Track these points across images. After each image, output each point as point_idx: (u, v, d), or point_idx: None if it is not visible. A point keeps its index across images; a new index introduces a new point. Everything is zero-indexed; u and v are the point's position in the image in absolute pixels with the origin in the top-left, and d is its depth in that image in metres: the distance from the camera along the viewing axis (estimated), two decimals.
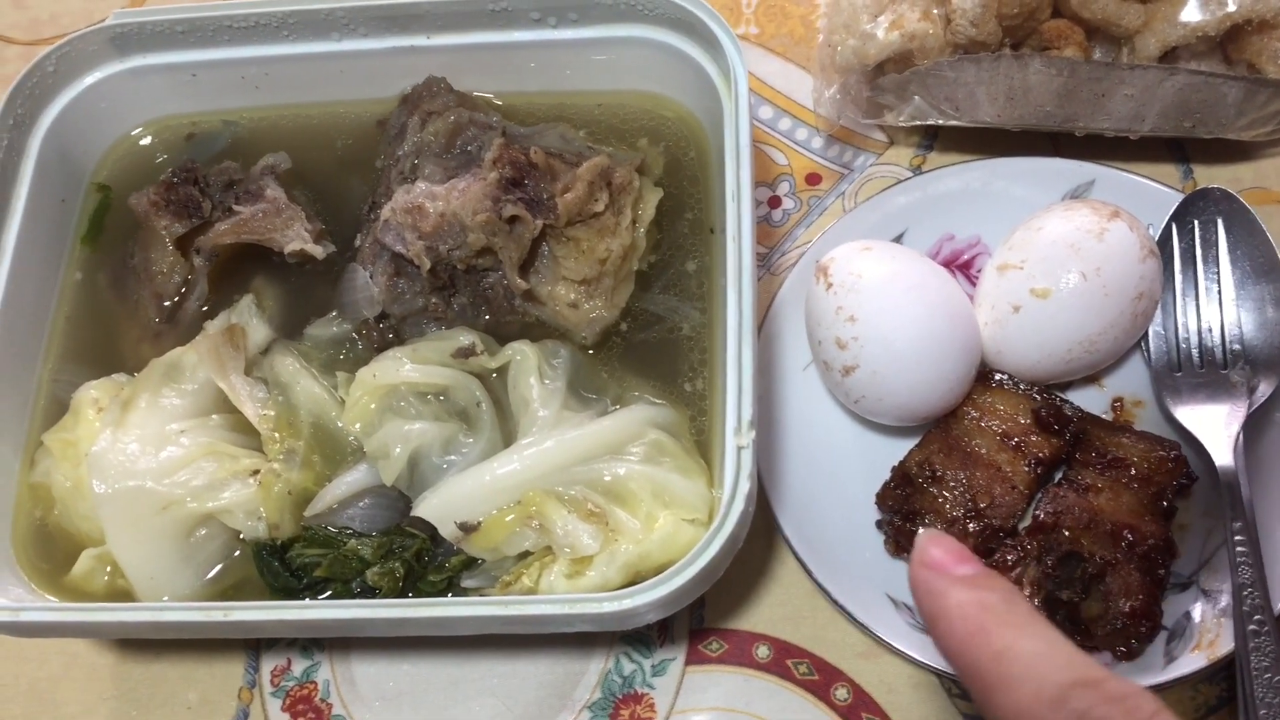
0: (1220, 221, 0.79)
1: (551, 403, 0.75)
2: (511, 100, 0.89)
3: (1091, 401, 0.80)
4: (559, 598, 0.69)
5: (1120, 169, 0.84)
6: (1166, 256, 0.80)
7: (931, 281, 0.77)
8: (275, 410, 0.77)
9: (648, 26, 0.83)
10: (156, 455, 0.75)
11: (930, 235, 0.86)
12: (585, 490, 0.72)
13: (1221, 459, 0.73)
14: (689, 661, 0.80)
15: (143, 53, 0.88)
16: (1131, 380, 0.81)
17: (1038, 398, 0.78)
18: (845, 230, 0.85)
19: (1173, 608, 0.73)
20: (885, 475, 0.79)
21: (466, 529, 0.73)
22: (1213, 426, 0.75)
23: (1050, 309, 0.75)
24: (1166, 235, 0.80)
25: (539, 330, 0.81)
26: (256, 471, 0.76)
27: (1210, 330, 0.78)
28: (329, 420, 0.77)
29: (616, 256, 0.79)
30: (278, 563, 0.75)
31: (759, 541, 0.81)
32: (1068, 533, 0.73)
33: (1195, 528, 0.76)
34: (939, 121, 0.86)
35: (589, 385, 0.78)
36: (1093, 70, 0.80)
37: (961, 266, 0.85)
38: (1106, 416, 0.80)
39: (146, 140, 0.92)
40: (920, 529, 0.76)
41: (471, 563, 0.75)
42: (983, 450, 0.77)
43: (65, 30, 1.04)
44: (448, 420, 0.75)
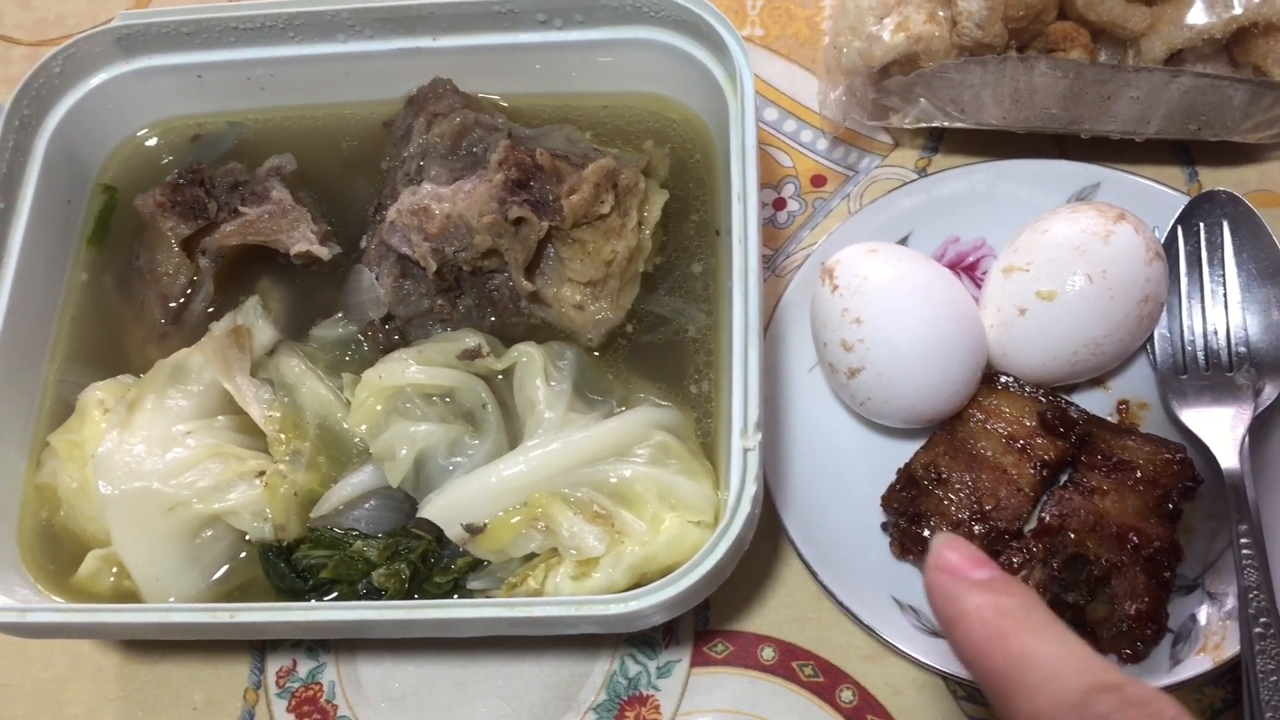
0: (1226, 224, 0.79)
1: (557, 404, 0.75)
2: (517, 102, 0.89)
3: (1097, 404, 0.80)
4: (565, 599, 0.69)
5: (1126, 171, 0.84)
6: (1172, 259, 0.80)
7: (937, 284, 0.77)
8: (281, 411, 0.77)
9: (653, 28, 0.82)
10: (162, 456, 0.75)
11: (935, 237, 0.86)
12: (591, 492, 0.72)
13: (1227, 461, 0.73)
14: (694, 663, 0.80)
15: (148, 54, 0.88)
16: (1137, 383, 0.81)
17: (1043, 400, 0.78)
18: (850, 232, 0.85)
19: (1178, 610, 0.73)
20: (890, 477, 0.79)
21: (472, 531, 0.73)
22: (1218, 429, 0.75)
23: (1056, 311, 0.75)
24: (1172, 238, 0.80)
25: (545, 332, 0.81)
26: (262, 473, 0.76)
27: (1216, 333, 0.78)
28: (335, 422, 0.78)
29: (622, 258, 0.79)
30: (283, 564, 0.75)
31: (764, 544, 0.80)
32: (1073, 535, 0.73)
33: (1200, 530, 0.76)
34: (944, 124, 0.86)
35: (595, 387, 0.78)
36: (1098, 73, 0.80)
37: (967, 269, 0.85)
38: (1112, 419, 0.80)
39: (152, 141, 0.92)
40: (927, 531, 0.76)
41: (477, 564, 0.75)
42: (988, 453, 0.77)
43: (71, 31, 1.04)
44: (453, 422, 0.75)
